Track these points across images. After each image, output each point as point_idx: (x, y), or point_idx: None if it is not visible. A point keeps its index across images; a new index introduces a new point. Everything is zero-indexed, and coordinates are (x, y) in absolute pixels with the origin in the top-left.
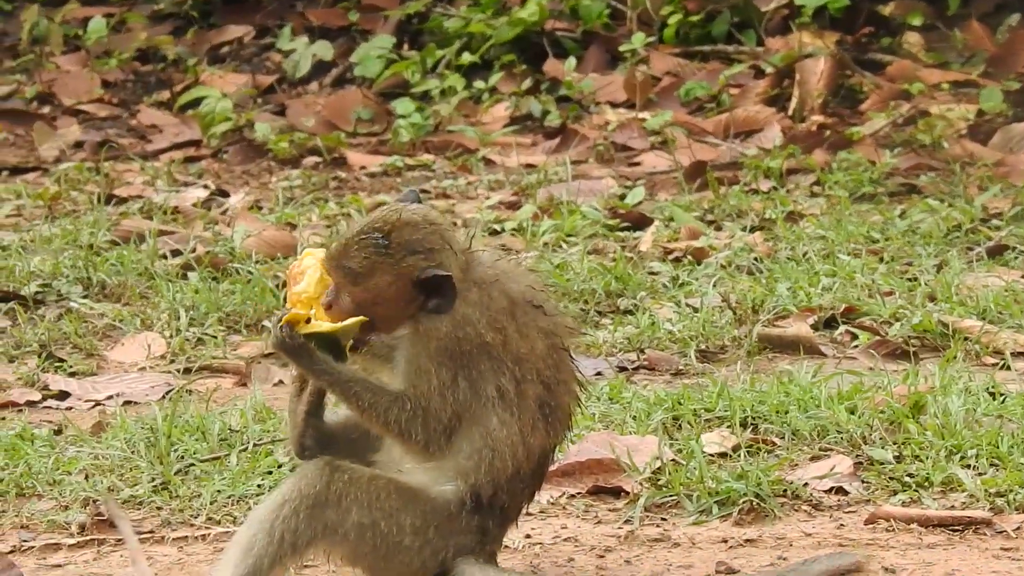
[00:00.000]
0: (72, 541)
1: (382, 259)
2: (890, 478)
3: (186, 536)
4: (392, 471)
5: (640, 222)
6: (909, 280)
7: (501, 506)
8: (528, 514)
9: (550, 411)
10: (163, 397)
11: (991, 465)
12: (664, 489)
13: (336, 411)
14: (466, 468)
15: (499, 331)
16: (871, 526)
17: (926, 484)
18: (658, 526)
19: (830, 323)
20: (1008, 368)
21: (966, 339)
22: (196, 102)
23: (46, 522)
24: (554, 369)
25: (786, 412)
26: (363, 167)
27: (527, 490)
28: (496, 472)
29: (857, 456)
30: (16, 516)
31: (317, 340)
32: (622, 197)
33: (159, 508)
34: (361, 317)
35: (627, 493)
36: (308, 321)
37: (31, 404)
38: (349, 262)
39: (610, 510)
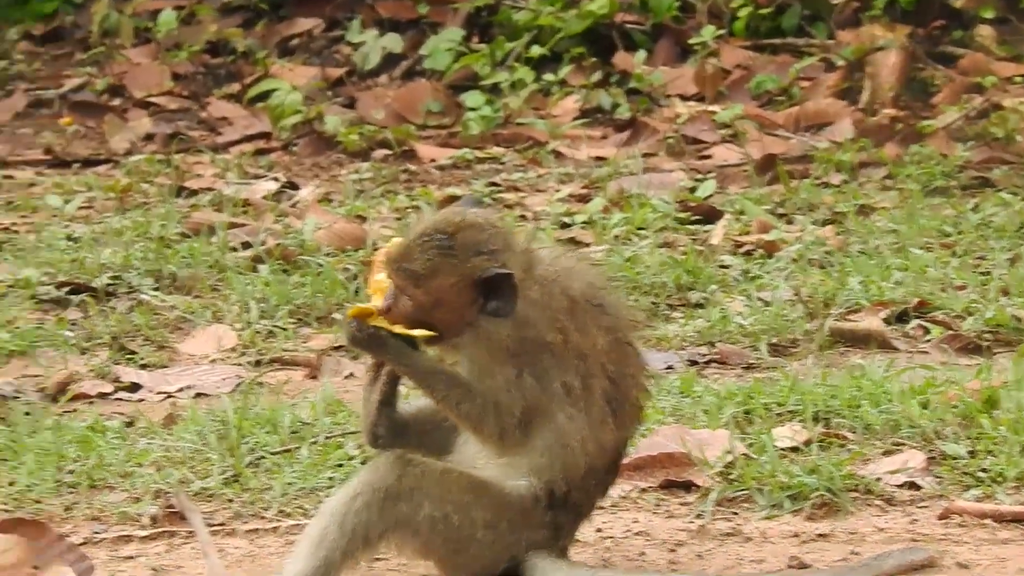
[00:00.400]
0: (144, 533)
1: (446, 260)
2: (963, 473)
3: (257, 529)
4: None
5: (711, 215)
6: (982, 274)
7: (575, 503)
8: (599, 508)
9: (617, 405)
10: (234, 389)
11: None
12: (736, 483)
13: (409, 402)
14: (540, 465)
15: (559, 331)
16: (944, 521)
17: (1000, 479)
18: (730, 520)
19: (902, 317)
20: None
21: None
22: (266, 95)
23: (118, 514)
24: (619, 364)
25: (858, 406)
26: (433, 160)
27: (601, 485)
28: (570, 469)
29: (930, 451)
30: (88, 508)
31: (387, 331)
32: (692, 190)
33: (230, 500)
34: (427, 332)
35: (698, 487)
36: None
37: (103, 396)
38: (412, 264)
39: (681, 504)
